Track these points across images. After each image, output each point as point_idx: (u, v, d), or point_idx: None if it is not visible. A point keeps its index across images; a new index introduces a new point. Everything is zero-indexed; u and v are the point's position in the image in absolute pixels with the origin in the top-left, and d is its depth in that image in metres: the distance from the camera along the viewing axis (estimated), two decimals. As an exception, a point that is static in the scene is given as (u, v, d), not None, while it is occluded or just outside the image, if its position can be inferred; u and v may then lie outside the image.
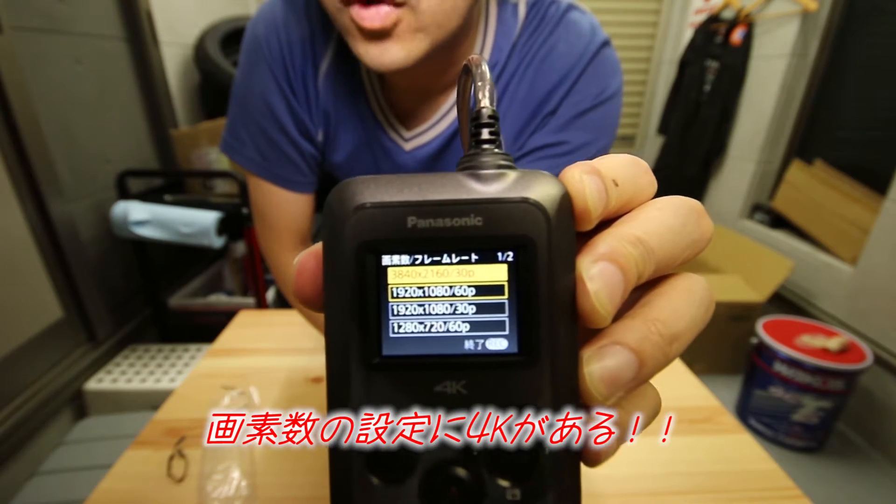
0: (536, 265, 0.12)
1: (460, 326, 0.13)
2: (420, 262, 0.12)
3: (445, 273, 0.12)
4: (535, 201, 0.12)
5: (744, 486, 0.51)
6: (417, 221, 0.12)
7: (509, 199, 0.12)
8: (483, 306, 0.13)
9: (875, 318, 1.50)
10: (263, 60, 0.49)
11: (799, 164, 1.85)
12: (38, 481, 0.90)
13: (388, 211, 0.12)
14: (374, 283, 0.12)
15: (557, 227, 0.12)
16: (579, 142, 0.48)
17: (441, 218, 0.12)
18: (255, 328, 0.81)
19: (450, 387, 0.13)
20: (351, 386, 0.13)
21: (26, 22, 1.14)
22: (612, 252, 0.12)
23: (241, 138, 0.53)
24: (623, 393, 0.13)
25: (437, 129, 0.51)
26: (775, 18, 1.91)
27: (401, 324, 0.13)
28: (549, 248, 0.12)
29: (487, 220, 0.12)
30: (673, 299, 0.13)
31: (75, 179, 1.29)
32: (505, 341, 0.13)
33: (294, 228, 0.57)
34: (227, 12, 1.98)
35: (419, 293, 0.13)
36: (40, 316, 1.19)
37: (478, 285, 0.13)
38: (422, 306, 0.13)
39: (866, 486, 1.38)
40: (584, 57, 0.47)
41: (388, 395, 0.13)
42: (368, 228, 0.12)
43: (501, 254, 0.12)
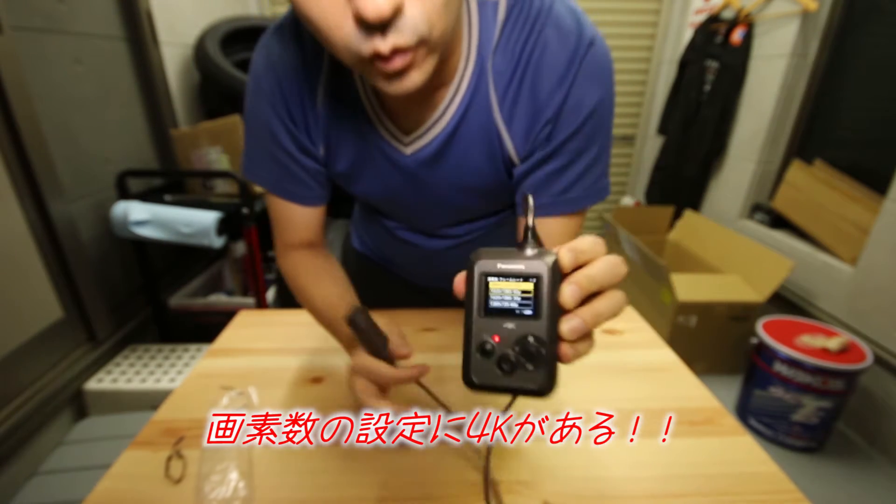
0: (543, 285, 0.29)
1: (515, 304, 0.29)
2: (501, 279, 0.30)
3: (511, 285, 0.29)
4: (544, 262, 0.29)
5: (744, 489, 0.51)
6: (501, 266, 0.30)
7: (535, 260, 0.29)
8: (524, 298, 0.29)
9: (875, 318, 1.50)
10: (263, 97, 0.53)
11: (799, 164, 1.85)
12: (38, 481, 0.90)
13: (491, 262, 0.30)
14: (486, 284, 0.30)
15: (552, 271, 0.28)
16: (580, 147, 0.50)
17: (510, 265, 0.29)
18: (255, 328, 0.81)
19: (509, 325, 0.30)
20: (473, 324, 0.30)
21: (26, 22, 1.14)
22: (576, 281, 0.28)
23: (255, 160, 0.58)
24: (576, 337, 0.29)
25: (435, 132, 0.52)
26: (775, 18, 1.91)
27: (494, 301, 0.30)
28: (549, 279, 0.28)
29: (527, 268, 0.29)
30: (603, 300, 0.29)
31: (75, 179, 1.29)
32: (531, 311, 0.29)
33: (305, 237, 0.61)
34: (227, 12, 1.98)
35: (501, 291, 0.30)
36: (40, 316, 1.19)
37: (522, 289, 0.29)
38: (501, 295, 0.30)
39: (866, 486, 1.38)
40: (576, 61, 0.46)
41: (487, 326, 0.30)
42: (484, 266, 0.30)
43: (531, 280, 0.29)
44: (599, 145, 0.50)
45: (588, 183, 0.51)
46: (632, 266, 2.14)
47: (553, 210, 0.52)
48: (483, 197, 0.58)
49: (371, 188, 0.60)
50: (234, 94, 1.64)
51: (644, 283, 2.00)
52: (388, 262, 0.82)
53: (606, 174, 0.54)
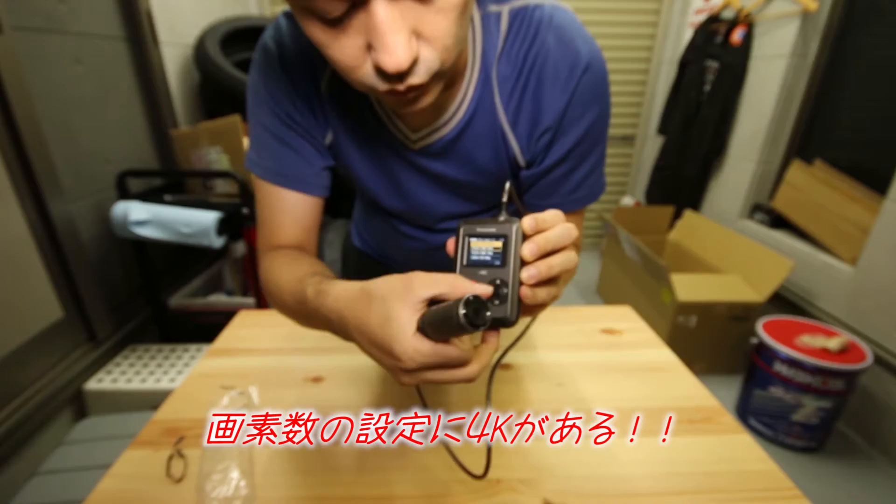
0: (510, 243, 0.36)
1: (488, 257, 0.37)
2: (479, 238, 0.38)
3: (486, 243, 0.37)
4: (512, 226, 0.37)
5: (743, 487, 0.51)
6: (480, 229, 0.38)
7: (504, 224, 0.37)
8: (495, 252, 0.37)
9: (875, 318, 1.50)
10: (272, 72, 0.52)
11: (799, 164, 1.85)
12: (38, 481, 0.90)
13: (472, 227, 0.39)
14: (467, 243, 0.38)
15: (516, 233, 0.36)
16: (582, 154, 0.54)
17: (487, 228, 0.38)
18: (255, 328, 0.81)
19: (483, 271, 0.37)
20: (458, 271, 0.38)
21: (26, 22, 1.14)
22: (535, 242, 0.36)
23: (259, 150, 0.55)
24: (535, 281, 0.35)
25: (444, 131, 0.53)
26: (775, 18, 1.91)
27: (473, 255, 0.38)
28: (514, 239, 0.36)
29: (498, 231, 0.37)
30: (558, 257, 0.36)
31: (75, 179, 1.29)
32: (500, 261, 0.36)
33: (294, 236, 0.55)
34: (227, 12, 1.98)
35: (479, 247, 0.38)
36: (40, 316, 1.19)
37: (494, 246, 0.37)
38: (479, 250, 0.38)
39: (866, 486, 1.38)
40: (574, 77, 0.48)
41: (468, 274, 0.37)
42: (467, 230, 0.39)
43: (500, 239, 0.37)
44: (599, 150, 0.56)
45: (591, 183, 0.57)
46: (632, 266, 2.14)
47: (564, 209, 0.56)
48: (487, 191, 0.60)
49: (377, 181, 0.60)
50: (234, 94, 1.64)
51: (644, 283, 2.01)
52: (389, 259, 0.82)
53: (603, 173, 0.59)
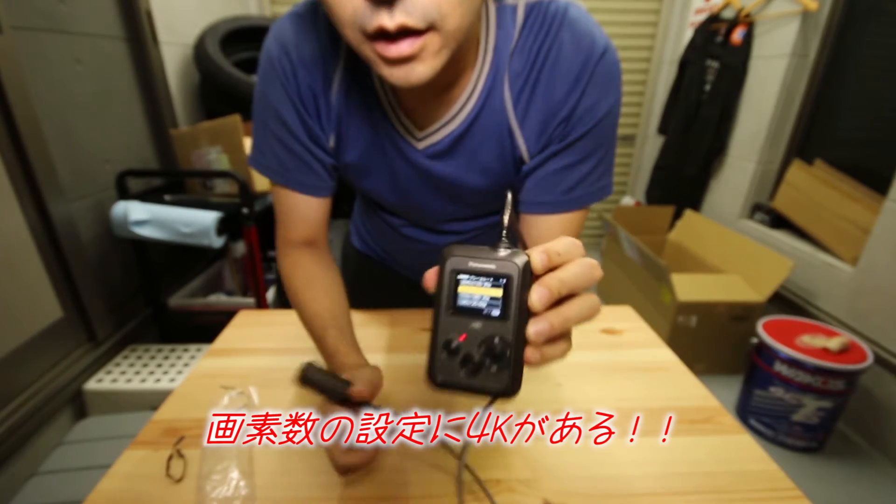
0: (513, 287, 0.28)
1: (483, 304, 0.29)
2: (471, 278, 0.29)
3: (481, 286, 0.29)
4: (515, 263, 0.28)
5: (744, 487, 0.51)
6: (472, 264, 0.29)
7: (506, 261, 0.28)
8: (492, 299, 0.29)
9: (875, 318, 1.50)
10: (276, 79, 0.52)
11: (799, 164, 1.85)
12: (38, 481, 0.90)
13: (462, 259, 0.29)
14: (455, 283, 0.29)
15: (523, 273, 0.28)
16: (588, 150, 0.52)
17: (481, 264, 0.29)
18: (255, 328, 0.81)
19: (476, 324, 0.29)
20: (440, 321, 0.30)
21: (26, 22, 1.14)
22: (546, 283, 0.28)
23: (263, 151, 0.57)
24: (543, 340, 0.27)
25: (448, 129, 0.53)
26: (775, 18, 1.91)
27: (462, 300, 0.29)
28: (519, 281, 0.28)
29: (497, 268, 0.28)
30: (573, 305, 0.29)
31: (75, 179, 1.29)
32: (498, 311, 0.29)
33: (306, 232, 0.60)
34: (227, 12, 1.98)
35: (470, 290, 0.29)
36: (40, 316, 1.19)
37: (491, 289, 0.29)
38: (470, 295, 0.29)
39: (866, 486, 1.38)
40: (589, 65, 0.48)
41: (454, 325, 0.29)
42: (455, 264, 0.29)
43: (500, 280, 0.28)
44: (606, 148, 0.53)
45: (591, 182, 0.53)
46: (632, 266, 2.14)
47: (557, 208, 0.54)
48: (490, 193, 0.59)
49: (379, 182, 0.60)
50: (234, 94, 1.64)
51: (644, 283, 2.01)
52: (389, 260, 0.82)
53: (610, 174, 0.55)
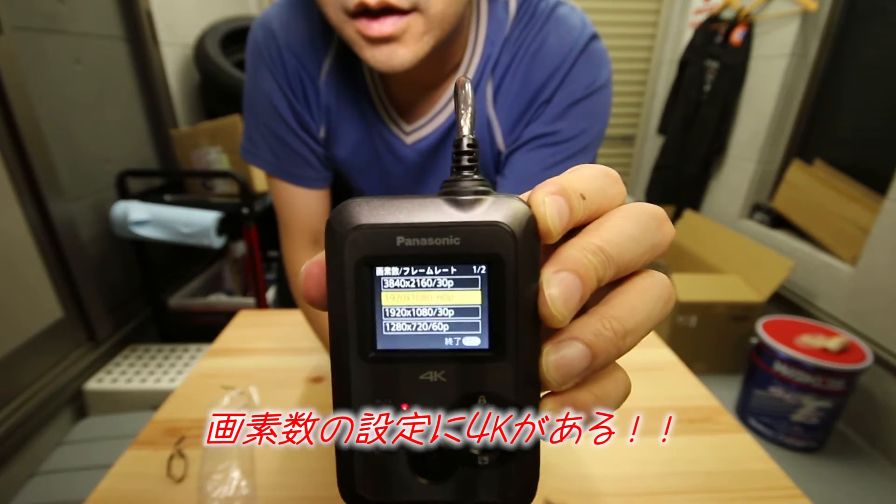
0: (504, 277, 0.14)
1: (441, 326, 0.15)
2: (407, 274, 0.14)
3: (428, 287, 0.14)
4: (503, 224, 0.14)
5: (743, 486, 0.51)
6: (405, 240, 0.14)
7: (483, 223, 0.14)
8: (460, 310, 0.14)
9: (875, 318, 1.50)
10: (264, 64, 0.51)
11: (799, 164, 1.85)
12: (38, 481, 0.90)
13: (380, 231, 0.14)
14: (370, 290, 0.14)
15: (523, 244, 0.14)
16: (574, 130, 0.49)
17: (425, 238, 0.14)
18: (255, 328, 0.81)
19: (432, 376, 0.14)
20: (350, 375, 0.15)
21: (26, 22, 1.14)
22: (573, 261, 0.13)
23: (255, 142, 0.56)
24: (577, 380, 0.14)
25: (436, 123, 0.53)
26: (775, 18, 1.91)
27: (392, 324, 0.15)
28: (515, 263, 0.14)
29: (464, 240, 0.14)
30: (630, 297, 0.14)
31: (75, 179, 1.29)
32: (478, 339, 0.14)
33: (307, 226, 0.58)
34: (227, 12, 1.98)
35: (408, 298, 0.15)
36: (40, 316, 1.19)
37: (456, 292, 0.14)
38: (409, 310, 0.14)
39: (866, 486, 1.38)
40: (575, 49, 0.48)
41: (382, 382, 0.15)
42: (364, 245, 0.14)
43: (476, 268, 0.14)
44: (590, 135, 0.50)
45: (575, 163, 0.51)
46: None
47: None
48: None
49: (369, 177, 0.59)
50: (234, 94, 1.64)
51: (644, 283, 2.00)
52: None
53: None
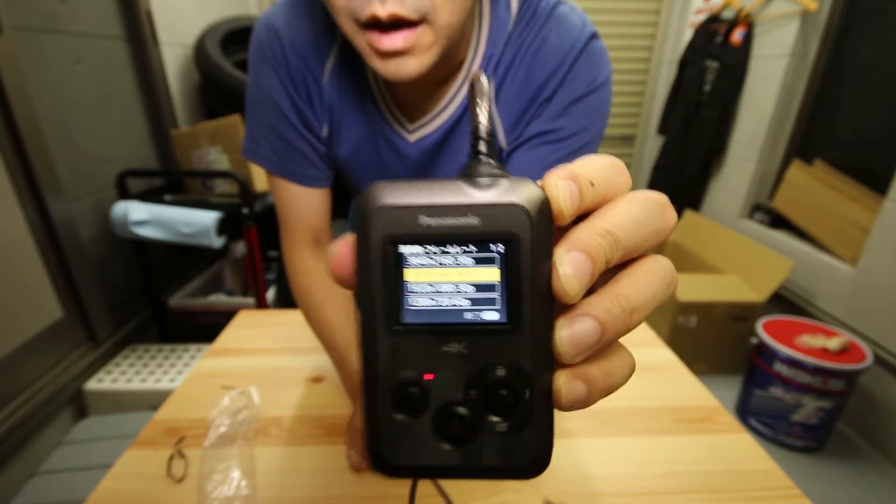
0: (521, 256, 0.15)
1: (462, 302, 0.16)
2: (430, 251, 0.15)
3: (449, 265, 0.16)
4: (521, 205, 0.15)
5: (743, 486, 0.51)
6: (427, 220, 0.15)
7: (501, 204, 0.15)
8: (480, 287, 0.16)
9: (875, 318, 1.50)
10: (267, 63, 0.51)
11: (799, 164, 1.85)
12: (38, 481, 0.90)
13: (403, 211, 0.15)
14: (394, 267, 0.15)
15: (538, 225, 0.15)
16: (575, 128, 0.50)
17: (446, 217, 0.15)
18: (255, 328, 0.81)
19: (454, 347, 0.16)
20: (378, 347, 0.16)
21: (26, 22, 1.14)
22: (583, 243, 0.15)
23: (257, 140, 0.56)
24: (588, 353, 0.15)
25: (439, 121, 0.53)
26: (775, 18, 1.91)
27: (416, 299, 0.16)
28: (531, 242, 0.15)
29: (483, 220, 0.15)
30: (637, 278, 0.15)
31: (75, 179, 1.29)
32: (496, 314, 0.16)
33: (308, 225, 0.58)
34: (227, 12, 1.98)
35: (430, 275, 0.16)
36: (40, 316, 1.19)
37: (475, 277, 0.16)
38: (431, 286, 0.16)
39: (866, 486, 1.38)
40: (575, 48, 0.48)
41: (407, 353, 0.16)
42: (389, 224, 0.15)
43: (494, 247, 0.15)
44: (591, 133, 0.51)
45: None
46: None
47: None
48: None
49: (371, 175, 0.59)
50: (234, 94, 1.64)
51: (644, 283, 2.00)
52: None
53: None
